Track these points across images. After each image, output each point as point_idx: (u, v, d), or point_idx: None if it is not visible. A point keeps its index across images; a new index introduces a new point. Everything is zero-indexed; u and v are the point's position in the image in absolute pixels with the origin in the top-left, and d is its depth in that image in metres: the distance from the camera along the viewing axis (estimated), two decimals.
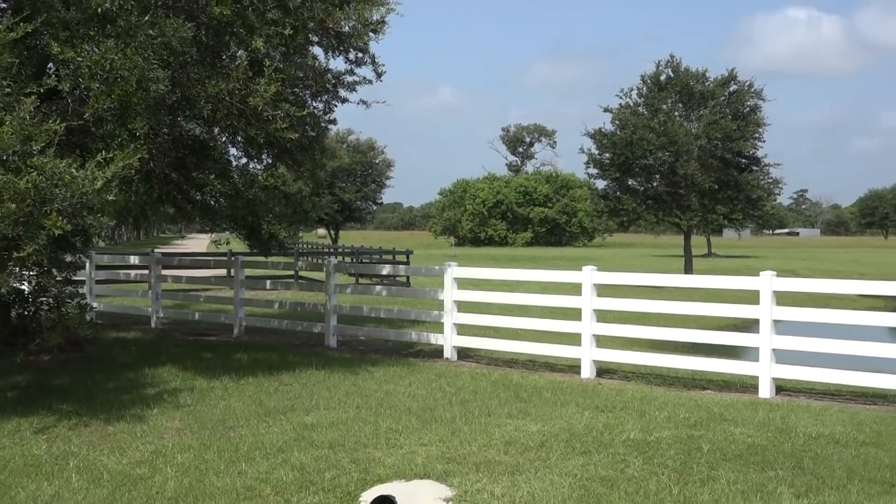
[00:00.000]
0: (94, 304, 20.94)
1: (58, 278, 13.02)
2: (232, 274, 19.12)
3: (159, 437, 9.34)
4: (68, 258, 13.37)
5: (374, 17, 13.58)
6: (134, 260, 25.89)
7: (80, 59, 10.91)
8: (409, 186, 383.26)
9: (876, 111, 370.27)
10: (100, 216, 11.05)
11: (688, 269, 43.12)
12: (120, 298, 22.81)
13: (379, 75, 14.46)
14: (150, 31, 11.20)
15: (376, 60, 14.28)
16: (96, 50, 10.94)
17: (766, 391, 11.59)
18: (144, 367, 13.44)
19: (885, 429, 9.23)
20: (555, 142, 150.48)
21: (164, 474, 8.01)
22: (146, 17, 11.30)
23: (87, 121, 11.33)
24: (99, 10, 11.10)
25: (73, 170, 9.96)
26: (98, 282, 22.30)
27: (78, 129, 11.45)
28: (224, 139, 14.45)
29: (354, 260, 40.69)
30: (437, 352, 15.05)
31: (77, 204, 10.01)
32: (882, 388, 11.27)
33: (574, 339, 13.42)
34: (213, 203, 14.87)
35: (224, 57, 12.76)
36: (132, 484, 7.79)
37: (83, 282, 20.98)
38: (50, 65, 11.47)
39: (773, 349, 11.68)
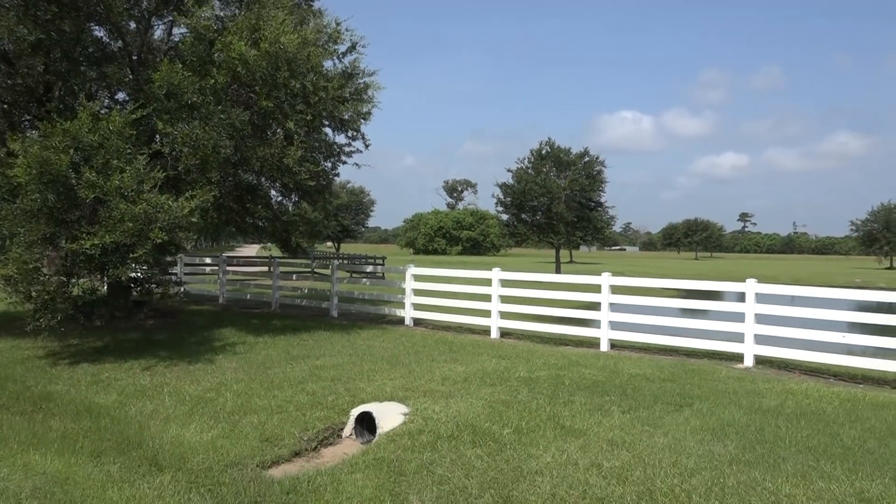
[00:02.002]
0: (182, 289, 20.71)
1: (156, 271, 12.83)
2: (271, 270, 18.85)
3: (222, 373, 9.16)
4: (167, 259, 13.24)
5: (364, 110, 13.61)
6: (208, 260, 25.59)
7: (175, 132, 10.77)
8: (385, 216, 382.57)
9: (673, 175, 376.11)
10: (187, 232, 10.90)
11: (557, 270, 43.47)
12: (199, 284, 22.41)
13: (367, 146, 14.42)
14: (222, 116, 11.08)
15: (365, 137, 14.23)
16: (186, 127, 10.80)
17: (605, 347, 11.67)
18: (213, 329, 13.18)
19: (676, 371, 9.33)
20: (477, 190, 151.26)
21: (225, 397, 7.86)
22: (219, 107, 11.16)
23: (180, 172, 11.16)
24: (189, 101, 10.95)
25: (169, 202, 9.84)
26: (185, 274, 21.92)
27: (174, 177, 11.28)
28: (267, 185, 14.29)
29: (349, 262, 40.57)
30: (401, 321, 14.95)
31: (172, 223, 9.89)
32: (675, 346, 11.39)
33: (487, 313, 13.41)
34: (260, 224, 14.73)
35: (268, 133, 12.62)
36: (205, 403, 7.64)
37: (175, 274, 20.81)
38: (157, 136, 11.25)
39: (610, 321, 11.77)
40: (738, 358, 10.42)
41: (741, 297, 10.46)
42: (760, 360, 10.37)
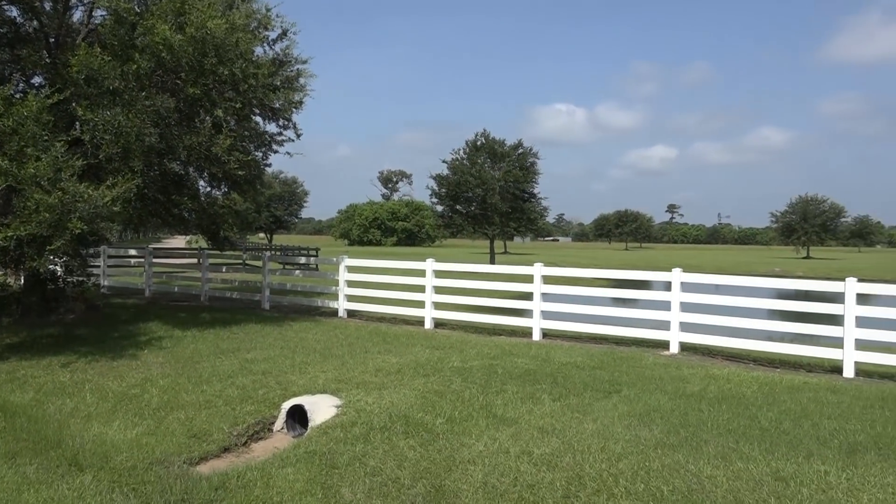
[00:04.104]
0: (105, 282, 20.02)
1: (76, 263, 12.34)
2: (201, 262, 18.39)
3: (148, 368, 8.89)
4: (89, 251, 12.73)
5: (296, 98, 13.38)
6: (133, 252, 24.81)
7: (96, 119, 10.35)
8: (319, 207, 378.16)
9: (605, 167, 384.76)
10: (109, 223, 10.51)
11: (492, 261, 43.87)
12: (124, 277, 21.68)
13: (298, 136, 14.18)
14: (146, 102, 10.72)
15: (297, 126, 13.99)
16: (108, 113, 10.40)
17: (537, 336, 11.85)
18: (139, 323, 12.77)
19: (606, 358, 9.54)
20: (412, 181, 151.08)
21: (150, 393, 7.63)
22: (143, 93, 10.79)
23: (101, 160, 10.73)
24: (110, 87, 10.54)
25: (90, 191, 9.46)
26: (109, 266, 21.15)
27: (95, 166, 10.83)
28: (195, 174, 13.88)
29: (282, 253, 40.01)
30: (334, 312, 14.82)
31: (92, 213, 9.52)
32: (605, 335, 11.65)
33: (421, 304, 13.43)
34: (186, 216, 14.30)
35: (196, 120, 12.25)
36: (129, 399, 7.40)
37: (98, 266, 20.11)
38: (76, 123, 10.78)
39: (542, 311, 11.95)
40: (665, 345, 10.74)
41: (668, 286, 10.78)
42: (686, 347, 10.72)
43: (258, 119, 13.78)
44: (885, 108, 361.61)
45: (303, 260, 26.06)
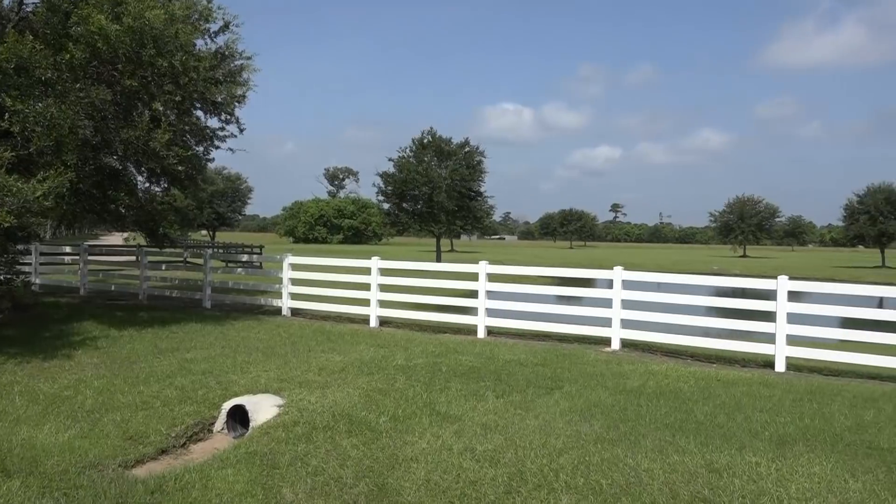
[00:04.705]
0: (37, 280, 19.32)
1: (3, 260, 11.85)
2: (139, 259, 17.91)
3: (81, 369, 8.60)
4: (18, 248, 12.22)
5: (239, 93, 13.12)
6: (67, 249, 24.01)
7: (27, 110, 9.96)
8: (264, 204, 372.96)
9: (551, 166, 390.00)
10: (40, 218, 10.15)
11: (438, 259, 43.94)
12: (57, 275, 20.95)
13: (241, 131, 13.91)
14: (80, 94, 10.37)
15: (240, 121, 13.73)
16: (39, 105, 10.03)
17: (482, 333, 11.93)
18: (72, 322, 12.36)
19: (549, 355, 9.68)
20: (358, 178, 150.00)
21: (84, 395, 7.39)
22: (77, 84, 10.44)
23: (31, 153, 10.33)
24: (42, 77, 10.17)
25: (19, 184, 9.11)
26: (41, 264, 20.42)
27: (25, 158, 10.41)
28: (132, 169, 13.49)
29: (225, 251, 39.31)
30: (278, 311, 14.63)
31: (21, 208, 9.16)
32: (549, 332, 11.81)
33: (366, 302, 13.38)
34: (123, 212, 13.87)
35: (133, 114, 11.90)
36: (61, 402, 7.14)
37: (30, 264, 19.40)
38: (5, 114, 10.35)
39: (486, 308, 12.04)
40: (607, 342, 10.95)
41: (610, 283, 10.99)
42: (626, 344, 10.95)
43: (199, 113, 13.47)
44: (818, 112, 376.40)
45: (246, 258, 25.65)
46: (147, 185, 14.30)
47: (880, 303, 23.41)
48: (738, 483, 4.74)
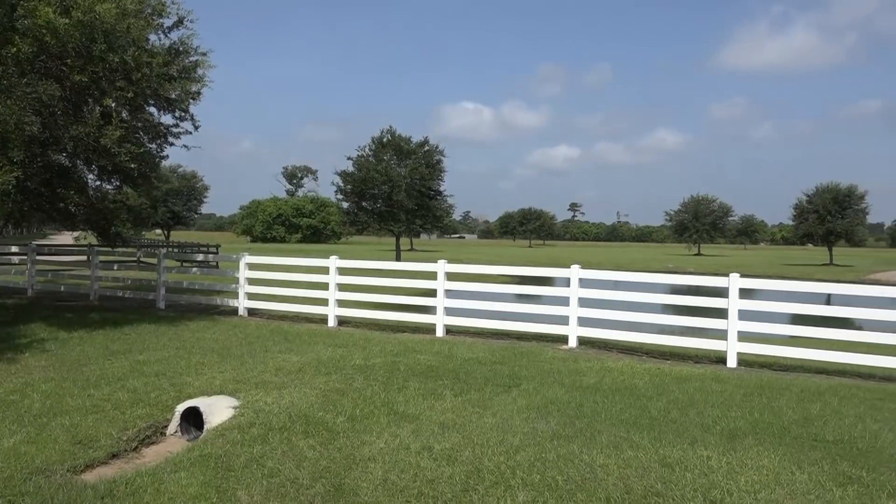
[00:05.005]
0: None
1: None
2: (90, 259, 17.48)
3: (29, 373, 8.35)
4: None
5: (194, 89, 12.92)
6: (14, 249, 23.29)
7: None
8: (221, 203, 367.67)
9: (511, 166, 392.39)
10: None
11: (398, 258, 43.87)
12: (4, 276, 20.30)
13: (196, 128, 13.72)
14: (27, 89, 10.08)
15: (195, 118, 13.52)
16: None
17: (440, 332, 11.95)
18: (19, 324, 12.01)
19: (507, 353, 9.74)
20: (317, 176, 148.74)
21: (31, 398, 7.17)
22: (24, 79, 10.15)
23: None
24: None
25: None
26: None
27: None
28: (83, 167, 13.17)
29: (180, 250, 38.68)
30: (234, 311, 14.44)
31: None
32: (507, 330, 11.87)
33: (324, 302, 13.29)
34: (73, 211, 13.53)
35: (84, 109, 11.64)
36: (6, 406, 6.92)
37: None
38: None
39: (445, 307, 12.06)
40: (564, 339, 11.06)
41: (567, 282, 11.10)
42: (583, 341, 11.08)
43: (153, 110, 13.25)
44: (770, 113, 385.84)
45: (201, 257, 25.22)
46: (98, 182, 14.01)
47: (828, 299, 24.10)
48: (690, 477, 4.84)
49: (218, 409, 6.65)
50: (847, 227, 67.74)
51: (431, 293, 12.32)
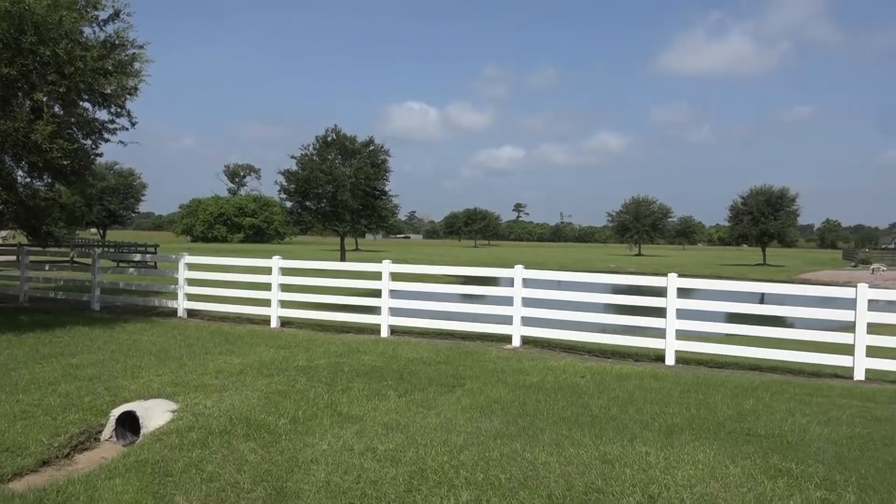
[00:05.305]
0: None
1: None
2: (20, 259, 16.82)
3: None
4: None
5: (130, 84, 12.56)
6: None
7: None
8: (160, 201, 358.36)
9: (456, 166, 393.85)
10: None
11: (342, 258, 43.55)
12: None
13: (133, 124, 13.34)
14: None
15: (131, 114, 13.15)
16: None
17: (385, 333, 11.92)
18: None
19: (451, 354, 9.78)
20: (260, 175, 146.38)
21: None
22: None
23: None
24: None
25: None
26: None
27: None
28: (11, 163, 12.65)
29: (116, 250, 37.60)
30: (173, 312, 14.10)
31: None
32: (452, 330, 11.92)
33: (267, 302, 13.10)
34: (1, 208, 12.99)
35: (13, 103, 11.18)
36: None
37: None
38: None
39: (390, 307, 12.03)
40: (508, 339, 11.16)
41: (511, 282, 11.21)
42: (527, 341, 11.20)
43: (87, 105, 12.82)
44: (708, 117, 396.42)
45: (139, 257, 24.50)
46: (28, 179, 13.49)
47: (761, 298, 24.93)
48: (630, 472, 4.94)
49: (155, 413, 6.48)
50: (779, 229, 70.28)
51: (376, 293, 12.27)
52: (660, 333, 10.20)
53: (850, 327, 9.29)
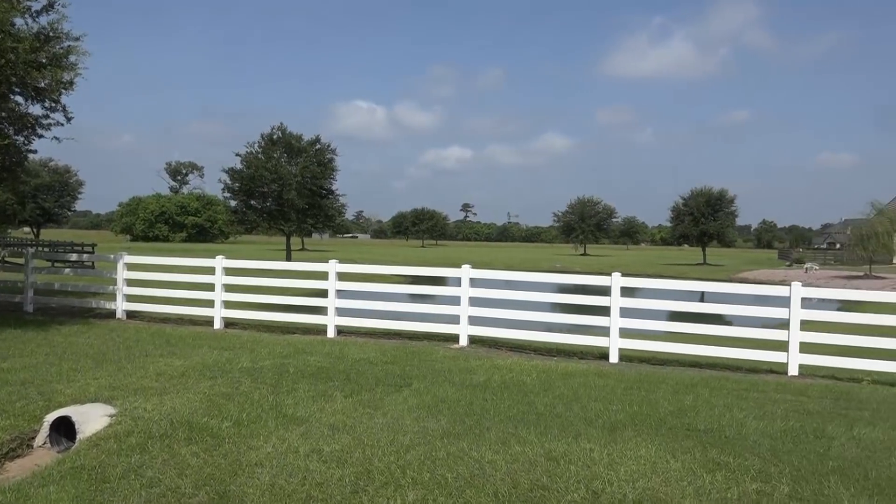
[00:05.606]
0: None
1: None
2: None
3: None
4: None
5: (66, 78, 12.16)
6: None
7: None
8: (98, 199, 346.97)
9: (404, 165, 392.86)
10: None
11: (288, 258, 43.01)
12: None
13: (69, 119, 12.90)
14: None
15: (67, 109, 12.71)
16: None
17: (331, 333, 11.82)
18: None
19: (398, 353, 9.76)
20: (203, 173, 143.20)
21: None
22: None
23: None
24: None
25: None
26: None
27: None
28: None
29: (51, 249, 36.33)
30: (112, 314, 13.70)
31: None
32: (399, 330, 11.90)
33: (210, 303, 12.84)
34: None
35: None
36: None
37: None
38: None
39: (336, 307, 11.94)
40: (455, 338, 11.20)
41: (459, 281, 11.26)
42: (474, 340, 11.26)
43: (19, 99, 12.35)
44: (652, 119, 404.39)
45: (75, 257, 23.72)
46: None
47: (702, 297, 25.64)
48: (574, 469, 5.02)
49: (92, 418, 6.29)
50: (718, 229, 72.39)
51: (323, 294, 12.16)
52: (604, 332, 10.38)
53: (784, 325, 9.63)
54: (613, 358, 10.15)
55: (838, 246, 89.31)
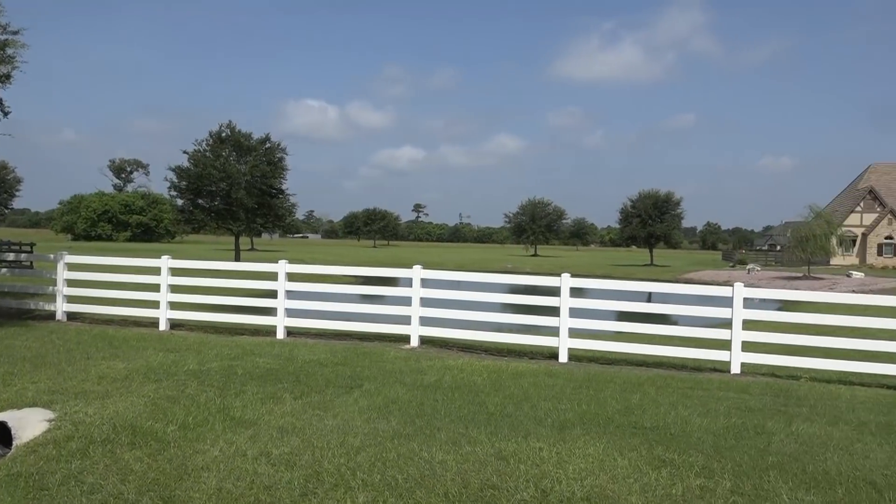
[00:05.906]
0: None
1: None
2: None
3: None
4: None
5: (3, 71, 11.74)
6: None
7: None
8: (37, 197, 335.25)
9: (356, 165, 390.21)
10: None
11: (237, 258, 42.33)
12: None
13: (6, 114, 12.47)
14: None
15: (4, 103, 12.29)
16: None
17: (281, 334, 11.67)
18: None
19: (349, 355, 9.70)
20: (149, 171, 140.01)
21: None
22: None
23: None
24: None
25: None
26: None
27: None
28: None
29: None
30: (52, 315, 13.26)
31: None
32: (350, 331, 11.82)
33: (155, 304, 12.55)
34: None
35: None
36: None
37: None
38: None
39: (286, 308, 11.80)
40: (406, 339, 11.19)
41: (410, 282, 11.25)
42: (425, 340, 11.26)
43: None
44: (601, 122, 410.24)
45: (12, 256, 22.88)
46: None
47: (649, 297, 26.15)
48: (524, 468, 5.07)
49: (30, 423, 6.08)
50: (665, 231, 73.94)
51: (272, 294, 12.00)
52: (554, 332, 10.50)
53: (727, 324, 9.90)
54: (563, 358, 10.28)
55: (779, 248, 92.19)
